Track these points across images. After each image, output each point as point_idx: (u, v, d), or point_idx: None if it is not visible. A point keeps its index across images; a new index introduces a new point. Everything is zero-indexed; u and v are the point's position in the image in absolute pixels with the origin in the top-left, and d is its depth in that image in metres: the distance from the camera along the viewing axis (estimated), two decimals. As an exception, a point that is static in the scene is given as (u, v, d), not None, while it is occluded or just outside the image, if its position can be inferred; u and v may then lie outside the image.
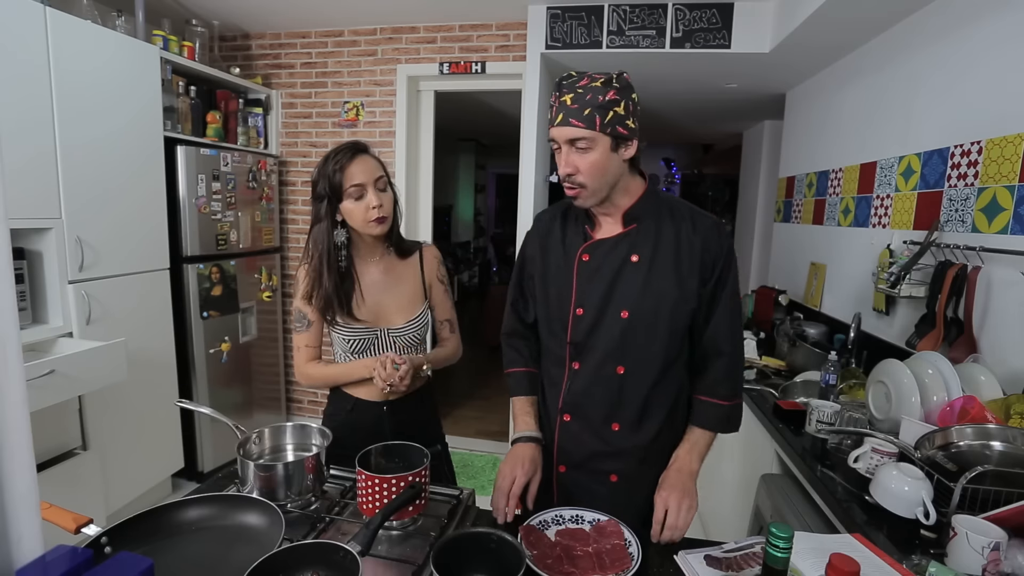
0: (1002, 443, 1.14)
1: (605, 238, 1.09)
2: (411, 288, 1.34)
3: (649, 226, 1.07)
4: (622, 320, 1.06)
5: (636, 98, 1.01)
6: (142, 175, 2.39)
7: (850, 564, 0.69)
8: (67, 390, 1.80)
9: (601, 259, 1.08)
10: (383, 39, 3.12)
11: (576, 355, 1.11)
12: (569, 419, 1.12)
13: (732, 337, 1.09)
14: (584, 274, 1.09)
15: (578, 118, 0.97)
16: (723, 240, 1.07)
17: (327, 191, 1.20)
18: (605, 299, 1.07)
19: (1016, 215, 1.49)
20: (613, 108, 0.96)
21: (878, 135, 2.22)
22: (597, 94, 0.96)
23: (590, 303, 1.08)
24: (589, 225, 1.12)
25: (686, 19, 2.58)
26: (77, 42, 2.07)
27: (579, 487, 1.13)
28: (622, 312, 1.06)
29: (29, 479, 0.47)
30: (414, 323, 1.32)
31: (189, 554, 0.82)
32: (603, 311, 1.07)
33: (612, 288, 1.07)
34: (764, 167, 4.37)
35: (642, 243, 1.07)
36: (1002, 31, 1.58)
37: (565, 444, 1.13)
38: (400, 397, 1.33)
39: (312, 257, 1.25)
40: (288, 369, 3.54)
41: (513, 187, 3.28)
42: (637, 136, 1.01)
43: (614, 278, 1.07)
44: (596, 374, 1.09)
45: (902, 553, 0.99)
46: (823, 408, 1.58)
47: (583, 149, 0.98)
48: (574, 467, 1.14)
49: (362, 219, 1.22)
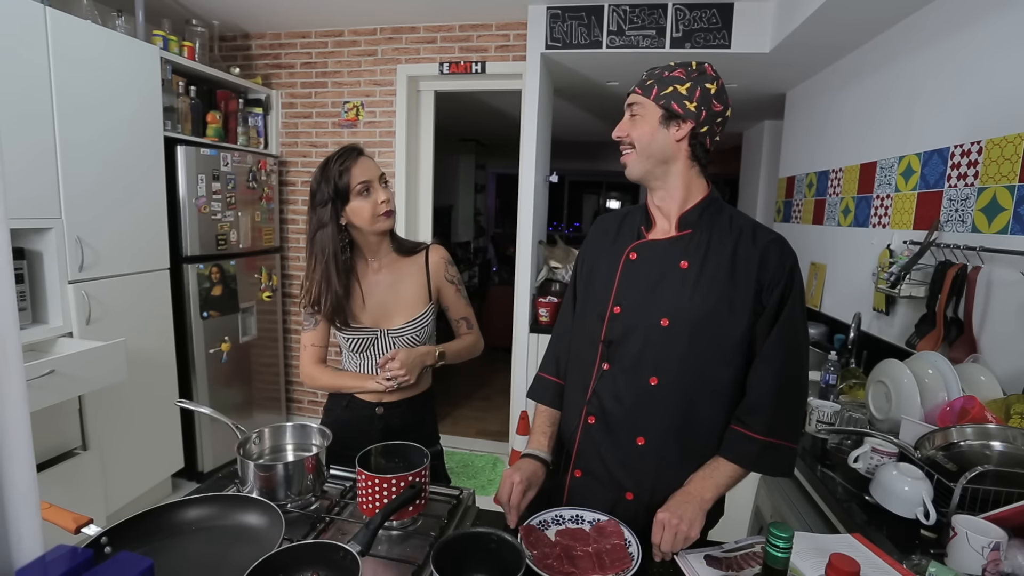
0: (1002, 443, 1.14)
1: (657, 239, 1.04)
2: (414, 288, 1.34)
3: (705, 234, 1.01)
4: (661, 328, 0.99)
5: (714, 90, 0.97)
6: (142, 175, 2.39)
7: (850, 564, 0.69)
8: (67, 390, 1.80)
9: (649, 259, 1.03)
10: (383, 39, 3.12)
11: (608, 356, 1.04)
12: (594, 421, 1.06)
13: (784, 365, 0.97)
14: (628, 272, 1.04)
15: (641, 86, 1.01)
16: (784, 258, 0.97)
17: (332, 193, 1.21)
18: (646, 302, 1.01)
19: (1016, 215, 1.49)
20: (674, 84, 0.97)
21: (878, 135, 2.22)
22: (665, 70, 1.00)
23: (629, 303, 1.03)
24: (645, 226, 1.07)
25: (686, 19, 2.58)
26: (77, 42, 2.07)
27: (592, 497, 1.06)
28: (662, 319, 0.99)
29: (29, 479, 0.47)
30: (414, 324, 1.31)
31: (189, 554, 0.82)
32: (642, 314, 1.01)
33: (655, 292, 1.01)
34: (764, 167, 4.38)
35: (695, 250, 1.00)
36: (1002, 31, 1.58)
37: (585, 448, 1.07)
38: (394, 400, 1.33)
39: (319, 263, 1.24)
40: (288, 369, 3.54)
41: (513, 187, 3.28)
42: (697, 121, 0.97)
43: (659, 281, 1.01)
44: (627, 380, 1.02)
45: (902, 553, 0.99)
46: (823, 408, 1.58)
47: (635, 115, 1.01)
48: (590, 474, 1.07)
49: (371, 215, 1.23)
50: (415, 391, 1.37)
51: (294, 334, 3.51)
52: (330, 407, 1.39)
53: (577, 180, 8.72)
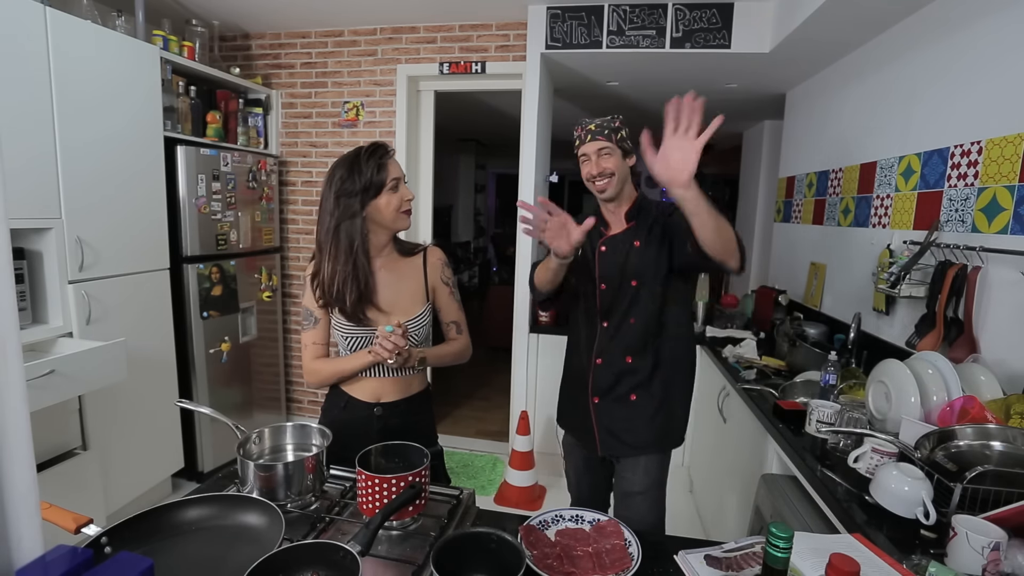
0: (1002, 443, 1.14)
1: (616, 233, 1.53)
2: (412, 289, 1.34)
3: (643, 221, 1.51)
4: (632, 288, 1.49)
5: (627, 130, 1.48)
6: (142, 175, 2.39)
7: (850, 564, 0.69)
8: (67, 390, 1.80)
9: (614, 248, 1.51)
10: (383, 39, 3.13)
11: (604, 316, 1.53)
12: (600, 362, 1.53)
13: None
14: (603, 260, 1.53)
15: (602, 135, 1.44)
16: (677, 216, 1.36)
17: (365, 185, 1.23)
18: (619, 275, 1.49)
19: (1016, 215, 1.49)
20: (621, 131, 1.46)
21: (878, 135, 2.22)
22: (609, 122, 1.45)
23: (608, 280, 1.51)
24: (603, 226, 1.57)
25: (686, 19, 2.58)
26: (77, 42, 2.07)
27: (608, 409, 1.54)
28: (632, 281, 1.49)
29: (29, 479, 0.47)
30: (412, 323, 1.32)
31: (189, 554, 0.82)
32: (618, 283, 1.50)
33: (623, 266, 1.49)
34: (764, 167, 4.38)
35: (640, 233, 1.50)
36: (1002, 31, 1.58)
37: (597, 379, 1.54)
38: (393, 400, 1.34)
39: (345, 254, 1.24)
40: (288, 369, 3.54)
41: (513, 187, 3.28)
42: (635, 153, 1.41)
43: (625, 259, 1.49)
44: (617, 327, 1.51)
45: (902, 553, 0.99)
46: (823, 408, 1.58)
47: (606, 155, 1.45)
48: (603, 395, 1.54)
49: (395, 211, 1.27)
50: (412, 390, 1.37)
51: (294, 334, 3.51)
52: (328, 408, 1.39)
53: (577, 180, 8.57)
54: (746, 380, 2.11)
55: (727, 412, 2.25)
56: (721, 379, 2.36)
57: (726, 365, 2.32)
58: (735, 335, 2.83)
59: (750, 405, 1.88)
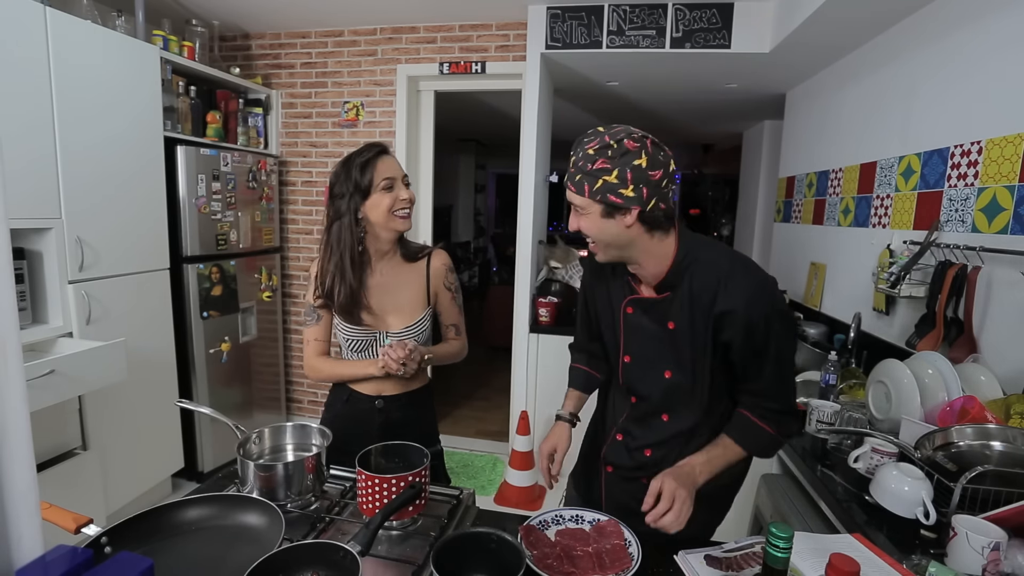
0: (1002, 443, 1.14)
1: (645, 298, 1.08)
2: (414, 293, 1.34)
3: (685, 292, 1.02)
4: (666, 379, 1.09)
5: (645, 163, 0.91)
6: (142, 175, 2.39)
7: (850, 564, 0.69)
8: (67, 390, 1.80)
9: (642, 315, 1.09)
10: (383, 39, 3.12)
11: (631, 393, 1.17)
12: (621, 439, 1.21)
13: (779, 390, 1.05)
14: (628, 325, 1.12)
15: (572, 182, 0.97)
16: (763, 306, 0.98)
17: (353, 186, 1.22)
18: (649, 357, 1.10)
19: (1016, 215, 1.49)
20: (602, 177, 0.92)
21: (878, 135, 2.22)
22: (588, 162, 0.94)
23: (635, 354, 1.13)
24: (632, 278, 1.10)
25: (686, 19, 2.58)
26: (77, 42, 2.07)
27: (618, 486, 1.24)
28: (666, 372, 1.08)
29: (29, 479, 0.47)
30: (413, 327, 1.32)
31: (189, 554, 0.82)
32: (647, 366, 1.11)
33: (655, 348, 1.09)
34: (764, 167, 4.37)
35: (676, 311, 1.03)
36: (1002, 31, 1.58)
37: (611, 455, 1.24)
38: (394, 393, 1.34)
39: (334, 254, 1.25)
40: (288, 369, 3.54)
41: (513, 187, 3.28)
42: (642, 204, 0.93)
43: (656, 339, 1.08)
44: (644, 415, 1.16)
45: (902, 553, 0.99)
46: (823, 408, 1.58)
47: (580, 213, 0.99)
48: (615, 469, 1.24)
49: (387, 212, 1.24)
50: (414, 385, 1.38)
51: (294, 334, 3.51)
52: (331, 402, 1.41)
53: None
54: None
55: (727, 412, 2.25)
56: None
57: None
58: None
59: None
